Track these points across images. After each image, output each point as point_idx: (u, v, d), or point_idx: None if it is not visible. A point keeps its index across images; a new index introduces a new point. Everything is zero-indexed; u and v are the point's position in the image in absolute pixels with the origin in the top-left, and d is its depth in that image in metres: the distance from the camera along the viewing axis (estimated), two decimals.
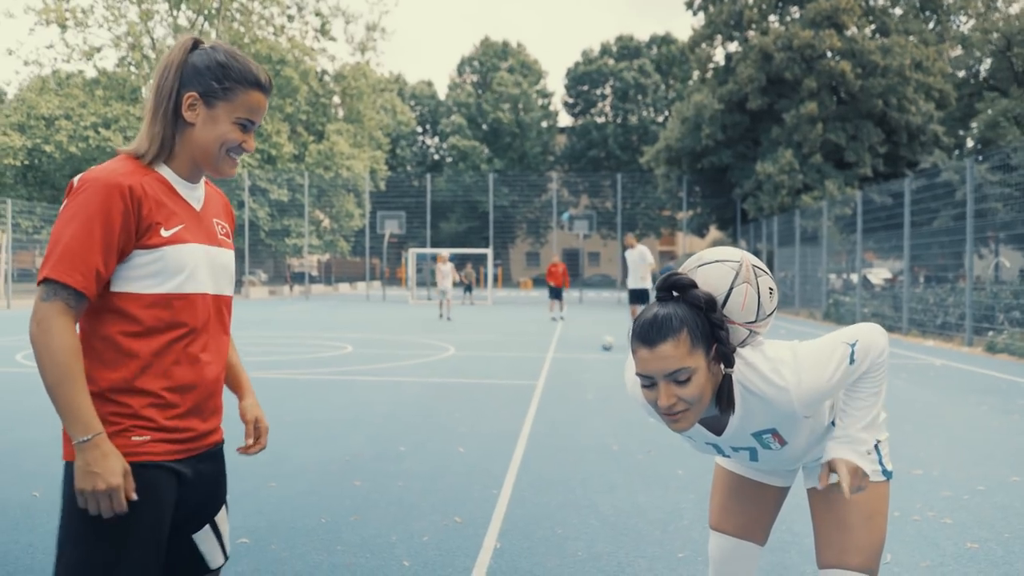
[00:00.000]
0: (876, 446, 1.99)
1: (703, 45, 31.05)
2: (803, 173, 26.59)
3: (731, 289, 1.85)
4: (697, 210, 34.98)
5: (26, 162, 30.77)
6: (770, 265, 27.69)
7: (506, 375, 9.22)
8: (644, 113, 57.79)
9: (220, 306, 1.78)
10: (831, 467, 1.85)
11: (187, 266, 1.66)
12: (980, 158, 17.81)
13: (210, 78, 1.68)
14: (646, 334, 1.73)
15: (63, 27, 32.46)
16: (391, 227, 31.61)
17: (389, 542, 3.51)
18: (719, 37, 30.64)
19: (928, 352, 12.66)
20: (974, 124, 30.88)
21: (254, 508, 3.95)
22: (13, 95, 35.99)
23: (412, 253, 32.28)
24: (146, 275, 1.62)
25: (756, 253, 30.56)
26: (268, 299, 32.77)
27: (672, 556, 3.38)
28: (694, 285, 1.80)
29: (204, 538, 1.79)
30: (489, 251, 31.55)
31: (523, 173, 52.81)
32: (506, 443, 5.52)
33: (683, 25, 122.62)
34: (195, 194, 1.75)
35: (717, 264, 1.89)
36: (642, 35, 60.64)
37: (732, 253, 1.92)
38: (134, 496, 1.58)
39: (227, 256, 1.80)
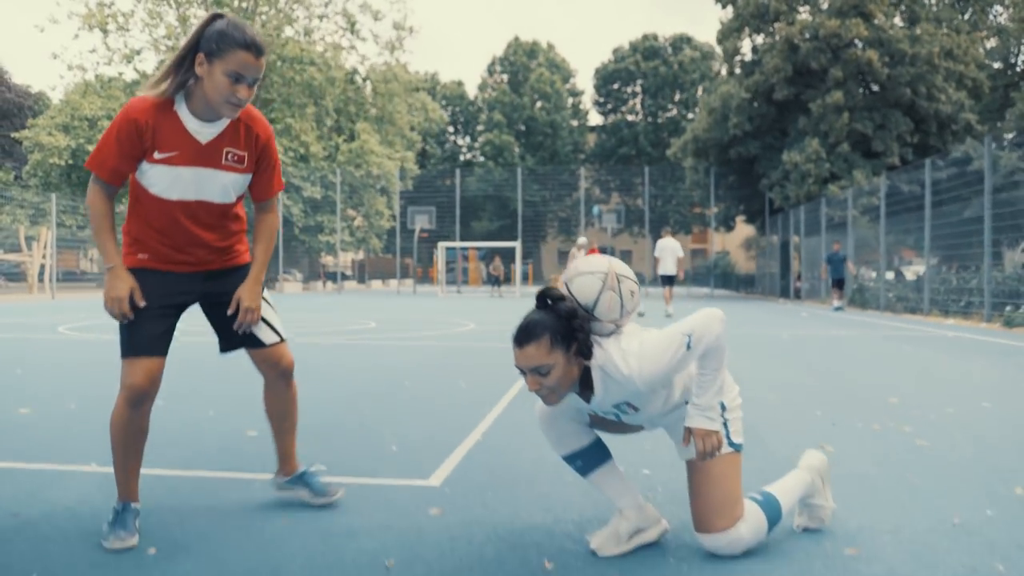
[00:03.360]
0: (725, 423, 2.35)
1: (731, 38, 31.09)
2: (830, 162, 26.52)
3: (599, 296, 2.30)
4: (726, 203, 34.97)
5: (70, 161, 31.82)
6: (797, 253, 27.66)
7: None
8: (674, 111, 57.80)
9: (199, 209, 2.50)
10: (689, 435, 2.28)
11: (166, 180, 2.43)
12: (993, 138, 17.66)
13: (212, 41, 2.33)
14: (518, 337, 2.21)
15: (105, 31, 33.56)
16: (421, 222, 31.98)
17: (382, 436, 3.89)
18: (746, 29, 30.66)
19: (946, 328, 12.74)
20: (1009, 114, 30.47)
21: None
22: (58, 98, 37.21)
23: (442, 247, 32.42)
24: (146, 179, 2.46)
25: (785, 244, 30.50)
26: (302, 293, 33.49)
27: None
28: (562, 298, 2.25)
29: (258, 327, 2.68)
30: (518, 244, 31.52)
31: (553, 170, 53.12)
32: (503, 385, 5.86)
33: (711, 20, 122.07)
34: (206, 130, 2.43)
35: (587, 276, 2.34)
36: (667, 32, 60.35)
37: (600, 264, 2.37)
38: (141, 303, 2.46)
39: (223, 177, 2.51)
